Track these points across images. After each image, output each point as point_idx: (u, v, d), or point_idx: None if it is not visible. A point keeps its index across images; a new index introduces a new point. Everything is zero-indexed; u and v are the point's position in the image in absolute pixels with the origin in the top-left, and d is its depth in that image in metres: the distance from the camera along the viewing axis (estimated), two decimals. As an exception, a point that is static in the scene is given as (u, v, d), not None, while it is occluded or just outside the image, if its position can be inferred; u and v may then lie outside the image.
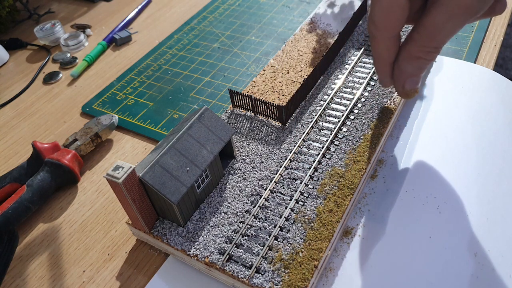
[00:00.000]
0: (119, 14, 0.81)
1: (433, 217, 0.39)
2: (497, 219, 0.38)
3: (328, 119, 0.46)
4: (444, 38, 0.33)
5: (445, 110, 0.48)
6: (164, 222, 0.39)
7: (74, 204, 0.47)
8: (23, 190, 0.44)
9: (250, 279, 0.33)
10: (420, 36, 0.33)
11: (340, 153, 0.42)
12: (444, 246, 0.36)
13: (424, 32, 0.33)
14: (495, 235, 0.37)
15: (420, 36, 0.33)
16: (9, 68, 0.72)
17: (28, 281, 0.41)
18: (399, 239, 0.38)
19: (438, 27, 0.32)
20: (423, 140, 0.46)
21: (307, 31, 0.59)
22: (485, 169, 0.42)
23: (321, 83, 0.51)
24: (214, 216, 0.39)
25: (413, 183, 0.42)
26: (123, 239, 0.43)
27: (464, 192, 0.40)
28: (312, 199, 0.38)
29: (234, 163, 0.43)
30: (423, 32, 0.33)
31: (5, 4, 0.76)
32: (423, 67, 0.36)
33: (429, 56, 0.34)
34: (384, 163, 0.44)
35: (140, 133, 0.54)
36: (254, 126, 0.47)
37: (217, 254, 0.36)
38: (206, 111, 0.40)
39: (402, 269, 0.36)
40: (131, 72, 0.65)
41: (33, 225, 0.45)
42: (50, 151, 0.49)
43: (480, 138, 0.45)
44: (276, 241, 0.36)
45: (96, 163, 0.51)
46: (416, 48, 0.34)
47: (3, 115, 0.62)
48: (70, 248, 0.43)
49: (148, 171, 0.35)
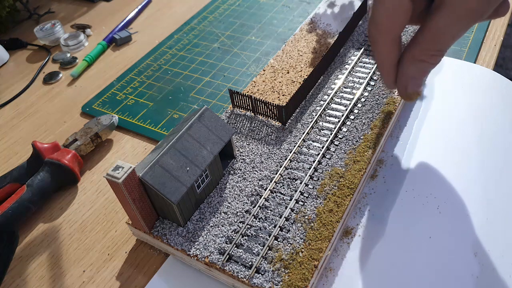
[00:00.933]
0: (119, 14, 0.81)
1: (433, 217, 0.39)
2: (497, 219, 0.38)
3: (328, 119, 0.46)
4: (448, 41, 0.33)
5: (445, 110, 0.48)
6: (164, 222, 0.39)
7: (74, 204, 0.47)
8: (23, 190, 0.44)
9: (250, 279, 0.33)
10: (424, 39, 0.33)
11: (340, 153, 0.42)
12: (444, 246, 0.36)
13: (428, 35, 0.32)
14: (495, 235, 0.37)
15: (425, 38, 0.33)
16: (9, 68, 0.72)
17: (28, 281, 0.40)
18: (399, 239, 0.38)
19: (443, 30, 0.31)
20: (423, 140, 0.46)
21: (307, 31, 0.59)
22: (485, 169, 0.42)
23: (321, 83, 0.51)
24: (214, 216, 0.39)
25: (413, 183, 0.42)
26: (123, 239, 0.43)
27: (464, 192, 0.40)
28: (312, 199, 0.38)
29: (234, 163, 0.43)
30: (428, 35, 0.32)
31: (5, 4, 0.76)
32: (427, 70, 0.35)
33: (433, 60, 0.34)
34: (384, 163, 0.44)
35: (140, 133, 0.54)
36: (254, 126, 0.47)
37: (217, 254, 0.36)
38: (206, 111, 0.40)
39: (402, 269, 0.36)
40: (131, 72, 0.65)
41: (33, 225, 0.45)
42: (50, 151, 0.49)
43: (480, 138, 0.45)
44: (276, 241, 0.36)
45: (96, 163, 0.51)
46: (420, 51, 0.34)
47: (3, 115, 0.62)
48: (70, 248, 0.43)
49: (148, 171, 0.35)
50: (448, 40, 0.32)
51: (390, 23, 0.33)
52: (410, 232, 0.38)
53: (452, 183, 0.41)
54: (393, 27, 0.33)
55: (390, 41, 0.34)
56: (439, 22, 0.31)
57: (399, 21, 0.33)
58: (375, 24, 0.34)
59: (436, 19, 0.31)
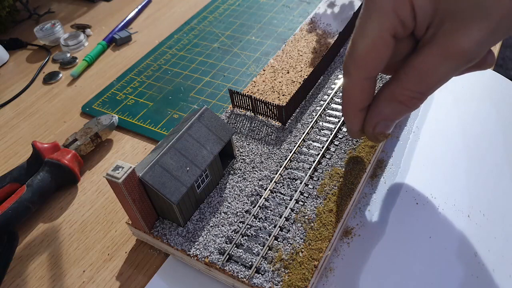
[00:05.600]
0: (119, 14, 0.81)
1: (433, 217, 0.39)
2: (497, 219, 0.38)
3: (328, 119, 0.46)
4: (433, 83, 0.29)
5: (445, 110, 0.48)
6: (164, 222, 0.39)
7: (74, 204, 0.47)
8: (23, 190, 0.44)
9: (250, 279, 0.33)
10: (407, 77, 0.30)
11: (340, 153, 0.42)
12: (444, 246, 0.36)
13: (412, 73, 0.29)
14: (495, 235, 0.37)
15: (407, 77, 0.30)
16: (9, 68, 0.72)
17: (28, 281, 0.40)
18: (399, 239, 0.38)
19: (429, 69, 0.28)
20: (423, 140, 0.46)
21: (307, 31, 0.59)
22: (485, 169, 0.42)
23: (321, 83, 0.51)
24: (214, 216, 0.39)
25: (413, 183, 0.42)
26: (123, 239, 0.43)
27: (464, 192, 0.40)
28: (312, 199, 0.38)
29: (234, 163, 0.43)
30: (411, 73, 0.29)
31: (5, 4, 0.76)
32: (403, 113, 0.32)
33: (412, 103, 0.31)
34: (384, 163, 0.44)
35: (140, 133, 0.54)
36: (254, 126, 0.47)
37: (217, 254, 0.36)
38: (206, 111, 0.40)
39: (402, 269, 0.36)
40: (131, 72, 0.65)
41: (33, 225, 0.45)
42: (50, 151, 0.49)
43: (480, 138, 0.45)
44: (276, 241, 0.36)
45: (96, 163, 0.51)
46: (401, 90, 0.30)
47: (3, 115, 0.62)
48: (70, 248, 0.43)
49: (148, 171, 0.35)
50: (433, 82, 0.29)
51: (369, 58, 0.30)
52: (410, 232, 0.38)
53: (452, 183, 0.41)
54: (371, 63, 0.30)
55: (364, 79, 0.31)
56: (425, 60, 0.28)
57: (379, 57, 0.30)
58: (351, 57, 0.31)
59: (423, 57, 0.28)
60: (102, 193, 0.48)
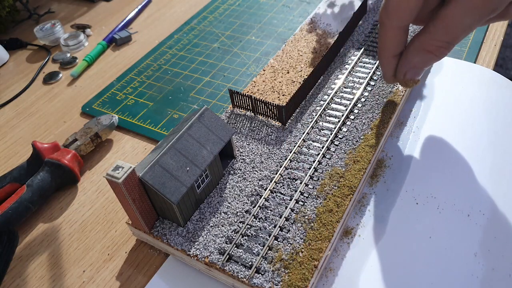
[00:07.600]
0: (119, 14, 0.81)
1: (433, 217, 0.39)
2: (496, 218, 0.38)
3: (328, 119, 0.46)
4: (459, 33, 0.33)
5: (445, 110, 0.48)
6: (164, 222, 0.39)
7: (74, 204, 0.47)
8: (23, 190, 0.44)
9: (250, 279, 0.33)
10: (435, 29, 0.33)
11: (340, 153, 0.42)
12: (444, 246, 0.36)
13: (440, 25, 0.33)
14: (495, 234, 0.37)
15: (436, 28, 0.33)
16: (9, 68, 0.72)
17: (28, 281, 0.40)
18: (399, 239, 0.38)
19: (455, 20, 0.32)
20: (423, 140, 0.46)
21: (307, 31, 0.59)
22: (485, 169, 0.42)
23: (321, 83, 0.51)
24: (214, 216, 0.39)
25: (413, 183, 0.42)
26: (123, 239, 0.43)
27: (464, 192, 0.40)
28: (312, 199, 0.38)
29: (234, 163, 0.43)
30: (439, 25, 0.33)
31: (5, 4, 0.76)
32: (430, 62, 0.36)
33: (439, 52, 0.34)
34: (384, 163, 0.44)
35: (140, 133, 0.54)
36: (254, 126, 0.47)
37: (217, 254, 0.36)
38: (206, 111, 0.40)
39: (402, 269, 0.36)
40: (131, 72, 0.65)
41: (33, 225, 0.45)
42: (50, 151, 0.49)
43: (480, 138, 0.45)
44: (276, 241, 0.36)
45: (96, 163, 0.51)
46: (429, 40, 0.34)
47: (3, 115, 0.62)
48: (70, 248, 0.43)
49: (148, 171, 0.35)
50: (459, 32, 0.33)
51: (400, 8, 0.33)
52: (410, 232, 0.38)
53: (452, 183, 0.41)
54: (402, 12, 0.34)
55: (397, 27, 0.35)
56: (452, 12, 0.32)
57: (409, 8, 0.33)
58: (385, 8, 0.34)
59: (450, 8, 0.32)
60: (102, 193, 0.48)
